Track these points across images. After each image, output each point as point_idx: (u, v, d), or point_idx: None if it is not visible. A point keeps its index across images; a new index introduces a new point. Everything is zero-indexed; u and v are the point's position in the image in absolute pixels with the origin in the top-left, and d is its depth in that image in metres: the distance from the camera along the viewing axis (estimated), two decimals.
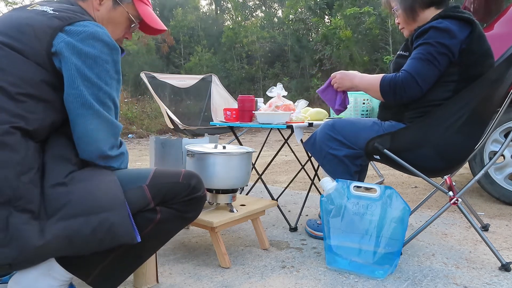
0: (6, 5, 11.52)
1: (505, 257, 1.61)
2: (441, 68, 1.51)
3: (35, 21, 1.04)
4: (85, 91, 1.03)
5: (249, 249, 1.77)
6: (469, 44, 1.50)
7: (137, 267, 1.22)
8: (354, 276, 1.48)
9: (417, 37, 1.56)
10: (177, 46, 14.13)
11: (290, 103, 2.07)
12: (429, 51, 1.50)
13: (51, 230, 0.94)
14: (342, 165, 1.68)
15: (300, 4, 11.96)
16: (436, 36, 1.49)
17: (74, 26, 1.05)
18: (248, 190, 2.67)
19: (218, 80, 3.88)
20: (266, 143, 3.21)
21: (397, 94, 1.55)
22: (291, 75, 12.67)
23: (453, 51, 1.49)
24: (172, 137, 2.10)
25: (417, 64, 1.52)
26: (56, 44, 1.01)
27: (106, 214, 0.99)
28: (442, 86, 1.55)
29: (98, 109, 1.06)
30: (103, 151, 1.08)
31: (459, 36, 1.49)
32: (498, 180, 2.51)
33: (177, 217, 1.17)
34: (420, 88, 1.52)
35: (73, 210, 0.96)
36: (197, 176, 1.22)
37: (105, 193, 1.01)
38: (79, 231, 0.96)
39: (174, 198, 1.14)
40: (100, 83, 1.06)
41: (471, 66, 1.52)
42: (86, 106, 1.04)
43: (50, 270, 1.06)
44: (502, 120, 2.45)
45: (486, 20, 3.11)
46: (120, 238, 1.01)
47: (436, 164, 1.62)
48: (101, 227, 0.98)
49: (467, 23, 1.51)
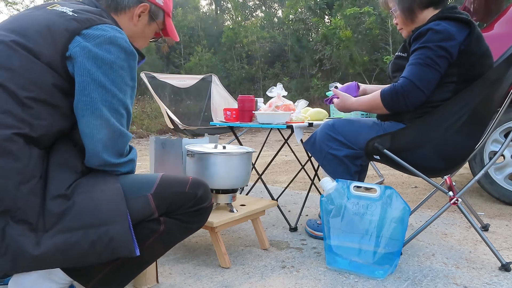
0: (6, 5, 11.52)
1: (505, 257, 1.61)
2: (442, 71, 1.51)
3: (53, 23, 1.01)
4: (97, 98, 1.00)
5: (249, 249, 1.77)
6: (468, 45, 1.49)
7: (138, 274, 1.20)
8: (354, 276, 1.48)
9: (415, 39, 1.55)
10: (177, 46, 14.13)
11: (290, 103, 2.07)
12: (428, 55, 1.49)
13: (48, 243, 0.92)
14: (342, 165, 1.68)
15: (300, 4, 11.96)
16: (434, 39, 1.48)
17: (92, 29, 1.02)
18: (248, 190, 2.67)
19: (218, 80, 3.88)
20: (266, 143, 3.21)
21: (401, 103, 1.54)
22: (291, 75, 12.68)
23: (452, 53, 1.49)
24: (172, 137, 2.10)
25: (416, 70, 1.50)
26: (72, 48, 0.99)
27: (106, 227, 0.97)
28: (441, 87, 1.54)
29: (108, 119, 1.02)
30: (108, 161, 1.05)
31: (457, 38, 1.48)
32: (498, 180, 2.51)
33: (181, 228, 1.15)
34: (423, 93, 1.51)
35: (72, 223, 0.94)
36: (204, 185, 1.18)
37: (106, 204, 0.99)
38: (77, 245, 0.94)
39: (179, 208, 1.12)
40: (114, 89, 1.02)
41: (470, 67, 1.52)
42: (96, 115, 1.01)
43: (50, 274, 1.06)
44: (502, 120, 2.45)
45: (486, 20, 3.11)
46: (119, 251, 0.99)
47: (436, 164, 1.62)
48: (100, 241, 0.96)
49: (465, 24, 1.51)
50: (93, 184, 1.02)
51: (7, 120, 0.92)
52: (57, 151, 1.03)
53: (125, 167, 1.11)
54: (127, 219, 1.00)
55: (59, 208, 0.95)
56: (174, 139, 1.93)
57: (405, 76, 1.52)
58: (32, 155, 0.94)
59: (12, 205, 0.89)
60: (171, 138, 2.02)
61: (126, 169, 1.11)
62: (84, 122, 1.01)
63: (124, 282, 1.15)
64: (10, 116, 0.92)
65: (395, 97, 1.54)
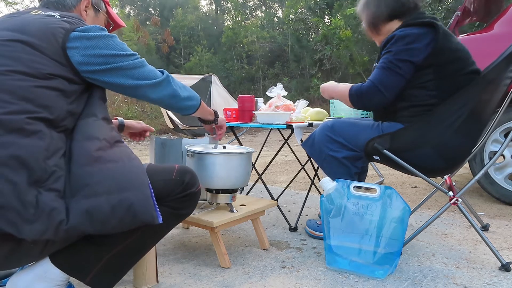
0: (6, 5, 11.52)
1: (505, 257, 1.62)
2: (405, 74, 1.56)
3: (49, 21, 1.08)
4: (114, 73, 1.11)
5: (249, 249, 1.77)
6: (436, 44, 1.53)
7: (134, 264, 1.22)
8: (354, 276, 1.48)
9: (383, 47, 1.64)
10: (177, 46, 14.14)
11: (290, 103, 2.07)
12: (390, 60, 1.56)
13: (75, 207, 0.97)
14: (342, 167, 1.68)
15: (300, 4, 11.96)
16: (398, 44, 1.56)
17: (82, 28, 1.11)
18: (248, 190, 2.67)
19: (218, 80, 3.89)
20: (266, 143, 3.21)
21: (365, 103, 1.63)
22: (291, 75, 12.68)
23: (416, 56, 1.54)
24: (172, 137, 2.10)
25: (379, 73, 1.58)
26: (70, 39, 1.07)
27: (127, 193, 1.01)
28: (422, 88, 1.58)
29: (131, 84, 1.15)
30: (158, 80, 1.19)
31: (423, 40, 1.54)
32: (498, 180, 2.51)
33: (172, 215, 1.18)
34: (384, 96, 1.58)
35: (96, 188, 0.99)
36: (191, 171, 1.22)
37: (129, 174, 1.04)
38: (99, 208, 0.98)
39: (168, 195, 1.15)
40: (115, 52, 1.12)
41: (444, 63, 1.56)
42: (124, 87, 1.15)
43: (46, 273, 1.07)
44: (502, 120, 2.45)
45: (486, 20, 3.11)
46: (141, 217, 1.02)
47: (436, 164, 1.62)
48: (120, 206, 1.00)
49: (429, 26, 1.56)
50: (117, 157, 1.06)
51: (27, 106, 0.97)
52: (78, 130, 1.08)
53: (174, 85, 1.23)
54: (149, 188, 1.05)
55: (84, 175, 1.00)
56: (174, 139, 1.93)
57: (370, 79, 1.61)
58: (53, 136, 1.01)
59: (42, 176, 0.95)
60: (171, 138, 2.02)
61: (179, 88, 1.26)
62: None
63: (121, 273, 1.17)
64: (28, 102, 0.98)
65: (359, 97, 1.62)
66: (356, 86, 1.64)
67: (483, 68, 1.54)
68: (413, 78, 1.57)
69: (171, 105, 1.28)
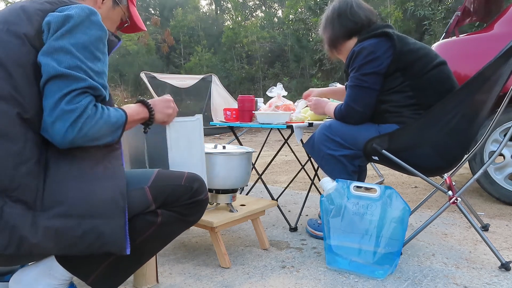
0: (6, 5, 11.53)
1: (505, 257, 1.62)
2: (373, 86, 1.64)
3: (27, 7, 1.02)
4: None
5: (249, 249, 1.77)
6: (394, 51, 1.60)
7: (137, 269, 1.22)
8: (354, 276, 1.48)
9: (347, 66, 1.73)
10: (177, 46, 14.13)
11: (290, 103, 2.07)
12: (356, 77, 1.65)
13: (43, 224, 0.92)
14: (339, 165, 1.69)
15: (300, 4, 11.96)
16: (359, 59, 1.64)
17: (65, 7, 1.01)
18: (248, 190, 2.67)
19: (218, 80, 3.88)
20: (266, 143, 3.21)
21: (349, 122, 1.71)
22: (291, 75, 12.67)
23: (379, 66, 1.61)
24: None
25: (350, 93, 1.68)
26: (44, 22, 0.98)
27: (100, 220, 0.97)
28: (397, 92, 1.63)
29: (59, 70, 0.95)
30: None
31: (379, 50, 1.61)
32: (498, 180, 2.51)
33: (179, 220, 1.17)
34: (362, 112, 1.67)
35: (70, 209, 0.94)
36: (199, 179, 1.21)
37: (106, 198, 0.98)
38: (70, 231, 0.94)
39: (176, 201, 1.14)
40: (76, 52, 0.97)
41: (409, 65, 1.61)
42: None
43: (50, 270, 1.07)
44: (501, 120, 2.45)
45: (486, 20, 3.11)
46: (109, 248, 0.99)
47: (435, 163, 1.62)
48: (91, 232, 0.96)
49: (383, 35, 1.63)
50: (97, 174, 1.00)
51: (1, 105, 0.91)
52: None
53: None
54: (124, 215, 1.00)
55: (59, 191, 0.95)
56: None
57: (345, 100, 1.71)
58: (28, 138, 0.94)
59: (10, 184, 0.90)
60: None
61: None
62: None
63: (123, 277, 1.16)
64: (4, 99, 0.91)
65: (342, 119, 1.72)
66: (337, 109, 1.74)
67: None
68: (385, 85, 1.64)
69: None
